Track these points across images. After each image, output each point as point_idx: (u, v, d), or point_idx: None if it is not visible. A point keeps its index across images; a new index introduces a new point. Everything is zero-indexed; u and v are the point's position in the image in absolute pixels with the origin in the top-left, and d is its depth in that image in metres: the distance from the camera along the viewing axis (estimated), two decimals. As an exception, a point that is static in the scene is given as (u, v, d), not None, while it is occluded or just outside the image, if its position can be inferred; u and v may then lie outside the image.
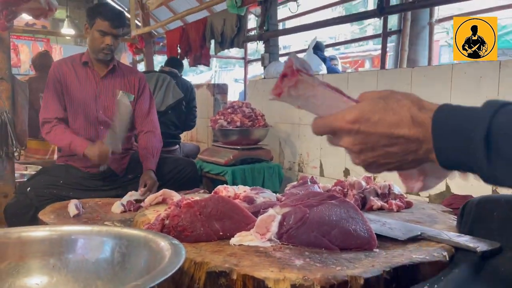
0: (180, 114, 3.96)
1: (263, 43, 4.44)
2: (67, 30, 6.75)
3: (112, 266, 0.93)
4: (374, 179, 1.54)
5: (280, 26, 4.79)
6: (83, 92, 2.38)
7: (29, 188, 2.22)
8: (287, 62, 0.71)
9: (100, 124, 2.42)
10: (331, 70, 4.17)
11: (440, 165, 0.63)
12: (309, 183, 1.45)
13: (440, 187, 2.58)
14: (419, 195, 2.69)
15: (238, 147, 3.36)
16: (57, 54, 6.88)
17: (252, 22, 6.16)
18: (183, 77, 4.31)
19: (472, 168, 0.60)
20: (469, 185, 2.42)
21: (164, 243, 0.86)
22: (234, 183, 3.24)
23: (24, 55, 6.49)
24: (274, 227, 1.07)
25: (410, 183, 0.76)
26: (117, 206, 1.96)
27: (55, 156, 4.06)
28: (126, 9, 8.93)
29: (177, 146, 4.01)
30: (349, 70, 9.76)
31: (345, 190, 1.44)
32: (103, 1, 9.42)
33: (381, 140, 0.65)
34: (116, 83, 2.46)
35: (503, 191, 2.29)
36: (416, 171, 0.74)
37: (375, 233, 1.06)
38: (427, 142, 0.63)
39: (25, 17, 6.53)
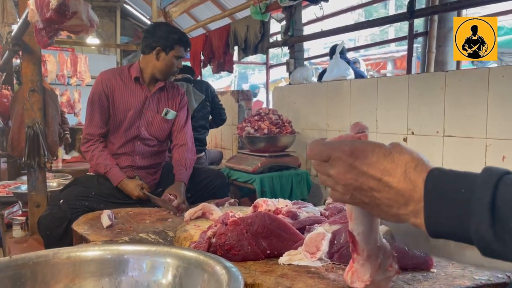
0: (206, 115, 3.98)
1: (288, 48, 4.41)
2: (92, 39, 6.86)
3: (164, 288, 0.91)
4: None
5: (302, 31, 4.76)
6: (130, 107, 2.40)
7: (62, 200, 2.23)
8: None
9: (139, 140, 2.44)
10: (358, 75, 4.10)
11: (427, 231, 0.59)
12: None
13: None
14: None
15: (266, 155, 3.33)
16: (83, 63, 7.00)
17: (273, 25, 6.15)
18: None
19: (467, 240, 0.55)
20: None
21: (218, 267, 0.84)
22: (262, 191, 3.22)
23: (51, 65, 6.62)
24: (325, 246, 1.04)
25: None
26: (104, 218, 1.88)
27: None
28: (148, 17, 9.05)
29: (203, 153, 4.01)
30: (372, 73, 9.64)
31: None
32: (128, 12, 9.57)
33: (370, 182, 0.64)
34: (162, 100, 2.49)
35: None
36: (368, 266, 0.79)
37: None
38: (415, 203, 0.60)
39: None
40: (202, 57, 5.85)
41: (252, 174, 3.30)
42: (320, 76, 4.41)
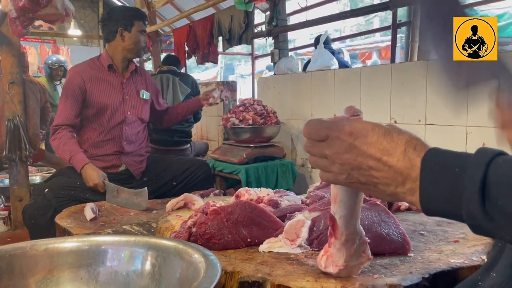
0: None
1: (272, 38, 4.40)
2: (73, 31, 6.73)
3: (143, 278, 0.91)
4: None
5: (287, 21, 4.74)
6: (109, 95, 2.43)
7: (47, 190, 2.22)
8: None
9: (127, 125, 2.46)
10: (342, 65, 4.11)
11: (421, 208, 0.60)
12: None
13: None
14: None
15: (251, 145, 3.33)
16: (65, 55, 6.88)
17: (258, 16, 6.11)
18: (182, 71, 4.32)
19: (458, 216, 0.56)
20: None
21: (197, 255, 0.84)
22: (247, 181, 3.22)
23: (32, 57, 6.50)
24: (304, 233, 1.05)
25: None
26: (87, 211, 1.86)
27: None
28: (131, 8, 8.91)
29: (188, 145, 4.00)
30: (357, 63, 9.67)
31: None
32: (110, 3, 9.42)
33: (369, 161, 0.64)
34: (137, 83, 2.56)
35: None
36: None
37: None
38: (412, 181, 0.61)
39: (32, 19, 6.53)
40: (187, 48, 5.79)
41: (237, 165, 3.29)
42: (305, 67, 4.40)
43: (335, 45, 5.76)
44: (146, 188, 2.08)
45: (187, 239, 1.06)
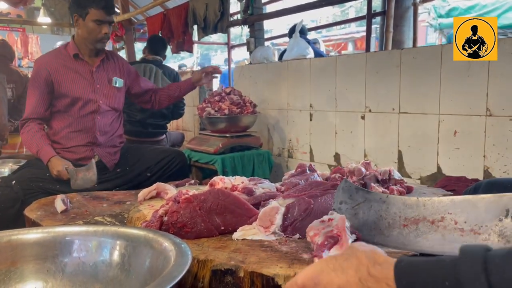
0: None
1: (248, 27, 4.35)
2: (43, 18, 6.49)
3: (111, 268, 0.88)
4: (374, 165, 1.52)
5: (262, 10, 4.70)
6: (78, 85, 2.33)
7: (14, 182, 2.14)
8: None
9: (99, 114, 2.38)
10: (318, 54, 4.10)
11: None
12: (308, 171, 1.42)
13: (431, 169, 2.58)
14: (410, 177, 2.70)
15: (227, 135, 3.30)
16: (34, 43, 6.65)
17: (233, 5, 6.04)
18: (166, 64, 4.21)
19: None
20: (461, 166, 2.43)
21: (167, 243, 0.82)
22: (224, 171, 3.20)
23: (-1, 45, 6.24)
24: (278, 220, 1.03)
25: None
26: (58, 203, 1.80)
27: (25, 150, 3.94)
28: (103, -5, 8.66)
29: (164, 136, 3.93)
30: (333, 53, 9.72)
31: (345, 177, 1.41)
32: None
33: None
34: (109, 71, 2.45)
35: (496, 171, 2.31)
36: None
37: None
38: None
39: (0, 6, 6.27)
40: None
41: (214, 155, 3.26)
42: (281, 56, 4.38)
43: (311, 36, 5.76)
44: (93, 160, 2.18)
45: (159, 228, 1.04)
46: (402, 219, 0.87)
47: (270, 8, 6.18)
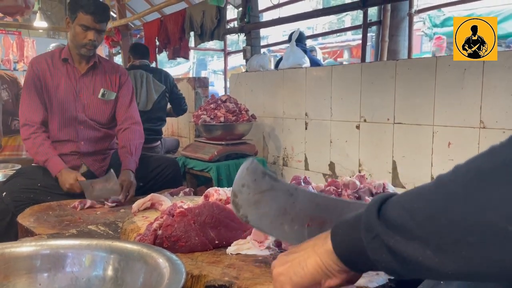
0: (164, 106, 3.88)
1: (245, 35, 4.37)
2: (39, 22, 6.47)
3: (105, 283, 0.88)
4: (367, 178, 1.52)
5: (259, 18, 4.73)
6: (61, 91, 2.27)
7: (4, 193, 2.11)
8: None
9: (80, 124, 2.30)
10: (314, 62, 4.13)
11: (332, 244, 0.66)
12: (302, 183, 1.42)
13: (425, 180, 2.59)
14: (404, 187, 2.71)
15: (222, 143, 3.30)
16: (30, 47, 6.63)
17: (230, 12, 6.06)
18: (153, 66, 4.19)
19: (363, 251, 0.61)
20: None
21: (161, 259, 0.82)
22: (218, 179, 3.19)
23: (-6, 49, 6.24)
24: (273, 235, 1.03)
25: None
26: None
27: (23, 153, 3.91)
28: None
29: (159, 142, 3.93)
30: (328, 61, 9.78)
31: (339, 190, 1.41)
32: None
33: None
34: (97, 81, 2.35)
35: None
36: None
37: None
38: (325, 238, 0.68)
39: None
40: (158, 43, 5.69)
41: (209, 162, 3.26)
42: (277, 64, 4.41)
43: (307, 43, 5.79)
44: (112, 170, 2.07)
45: (153, 242, 1.04)
46: (308, 218, 0.82)
47: (266, 16, 6.21)
